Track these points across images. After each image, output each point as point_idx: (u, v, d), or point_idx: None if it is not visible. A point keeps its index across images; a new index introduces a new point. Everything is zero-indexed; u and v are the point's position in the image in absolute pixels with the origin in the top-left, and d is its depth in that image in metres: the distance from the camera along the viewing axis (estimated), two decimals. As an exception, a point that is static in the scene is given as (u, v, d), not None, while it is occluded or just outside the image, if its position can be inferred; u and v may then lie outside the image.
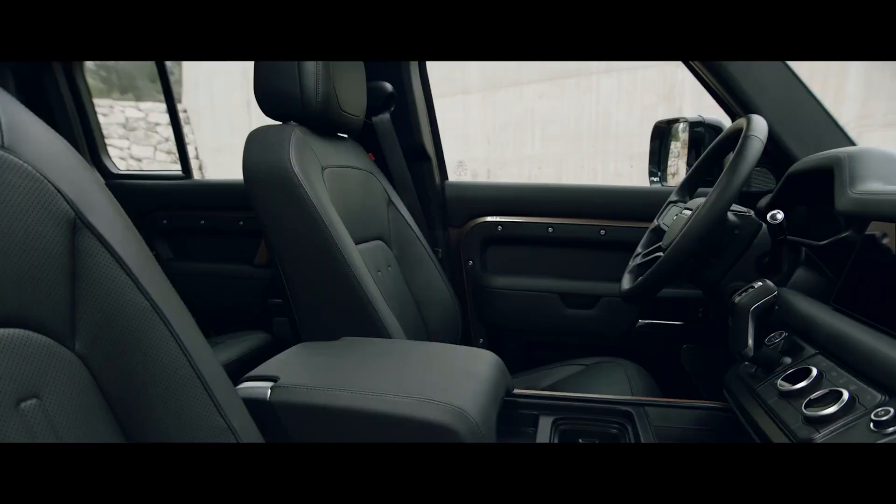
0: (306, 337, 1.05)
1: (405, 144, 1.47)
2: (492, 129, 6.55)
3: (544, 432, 0.86)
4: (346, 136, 1.29)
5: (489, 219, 1.54)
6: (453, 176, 1.61)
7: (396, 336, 1.04)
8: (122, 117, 7.55)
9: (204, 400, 0.57)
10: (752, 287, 0.79)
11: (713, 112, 1.53)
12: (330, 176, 1.10)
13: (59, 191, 0.47)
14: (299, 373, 0.81)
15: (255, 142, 1.03)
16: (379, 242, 1.27)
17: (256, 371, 0.83)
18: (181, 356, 0.55)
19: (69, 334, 0.49)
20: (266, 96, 1.08)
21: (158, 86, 1.92)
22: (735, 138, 1.14)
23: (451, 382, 0.78)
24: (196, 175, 1.95)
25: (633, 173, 6.00)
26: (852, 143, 1.23)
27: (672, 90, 5.66)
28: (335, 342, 0.96)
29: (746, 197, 1.32)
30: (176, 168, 1.91)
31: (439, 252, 1.54)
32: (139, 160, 7.58)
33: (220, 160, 7.57)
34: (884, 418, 0.56)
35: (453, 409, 0.70)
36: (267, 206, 1.01)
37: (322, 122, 1.13)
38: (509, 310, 1.53)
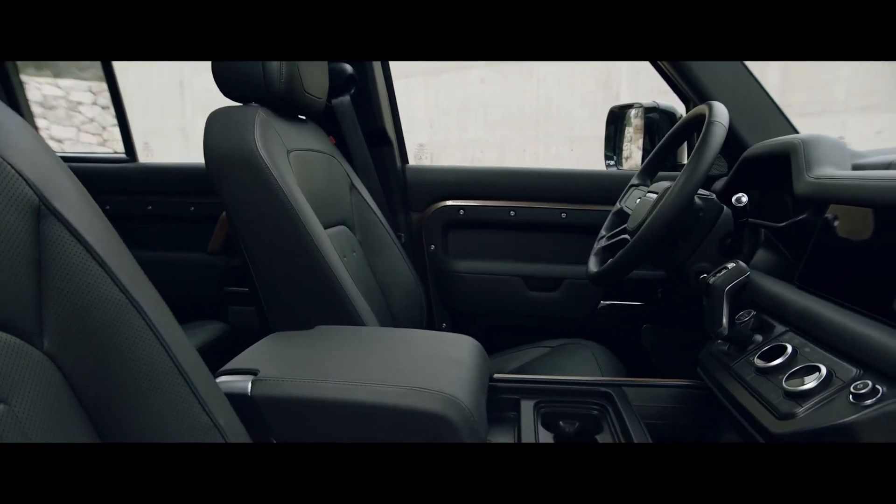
0: (276, 327, 1.01)
1: (365, 127, 1.44)
2: (434, 113, 6.52)
3: (527, 416, 0.87)
4: (305, 118, 1.25)
5: (450, 203, 1.54)
6: (413, 160, 1.59)
7: (369, 323, 1.02)
8: (38, 95, 7.04)
9: (187, 397, 0.54)
10: (726, 268, 0.82)
11: (651, 97, 1.58)
12: (295, 159, 1.06)
13: (20, 174, 0.43)
14: (279, 365, 0.78)
15: (217, 123, 0.98)
16: (343, 227, 1.25)
17: (232, 365, 0.79)
18: (161, 351, 0.51)
19: (37, 331, 0.45)
20: (226, 77, 1.03)
21: (79, 62, 1.80)
22: (694, 124, 1.17)
23: (438, 370, 0.77)
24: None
25: (573, 157, 6.12)
26: (796, 131, 1.29)
27: (610, 76, 5.78)
28: (309, 331, 0.93)
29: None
30: (103, 150, 1.80)
31: (402, 237, 1.52)
32: (60, 141, 7.11)
33: (152, 143, 7.22)
34: (862, 391, 0.59)
35: (445, 397, 0.69)
36: (232, 190, 0.97)
37: (284, 103, 1.08)
38: (472, 294, 1.54)
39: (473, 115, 6.41)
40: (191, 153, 6.93)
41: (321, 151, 1.20)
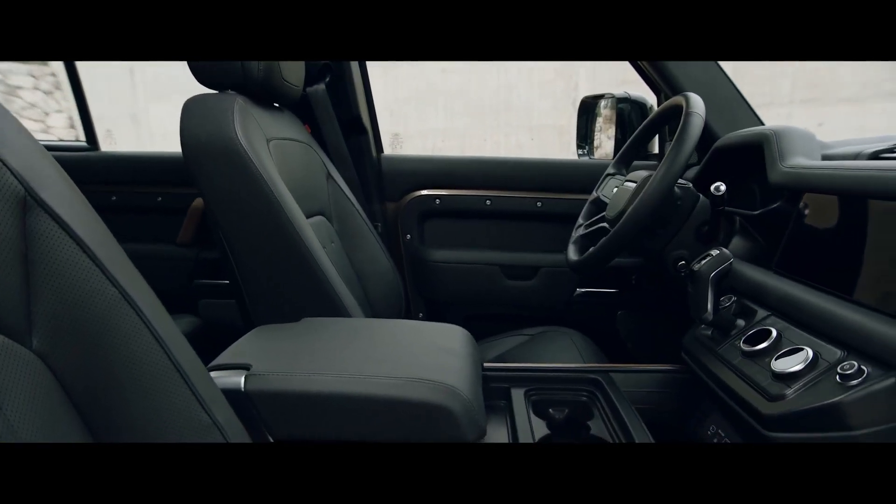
0: (259, 320, 0.99)
1: (340, 116, 1.42)
2: (394, 102, 6.47)
3: (519, 404, 0.88)
4: (280, 107, 1.22)
5: (426, 192, 1.53)
6: (389, 150, 1.58)
7: (355, 314, 1.01)
8: (-30, 78, 6.65)
9: (185, 395, 0.52)
10: (710, 255, 0.85)
11: (609, 87, 1.61)
12: (275, 148, 1.04)
13: (4, 164, 0.40)
14: (271, 359, 0.76)
15: (195, 111, 0.95)
16: (321, 218, 1.23)
17: (221, 360, 0.77)
18: (157, 347, 0.49)
19: (25, 330, 0.42)
20: (203, 63, 1.00)
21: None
22: (669, 115, 1.20)
23: (434, 360, 0.77)
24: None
25: (533, 145, 6.18)
26: (761, 122, 1.34)
27: (568, 66, 5.85)
28: (296, 324, 0.91)
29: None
30: (47, 138, 1.72)
31: (378, 227, 1.51)
32: (-4, 129, 6.73)
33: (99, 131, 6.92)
34: (849, 371, 0.62)
35: (445, 388, 0.69)
36: (211, 180, 0.94)
37: (262, 91, 1.06)
38: (449, 283, 1.54)
39: (433, 105, 6.38)
40: (142, 142, 6.67)
41: (298, 140, 1.18)
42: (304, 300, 0.97)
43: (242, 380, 0.72)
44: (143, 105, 6.85)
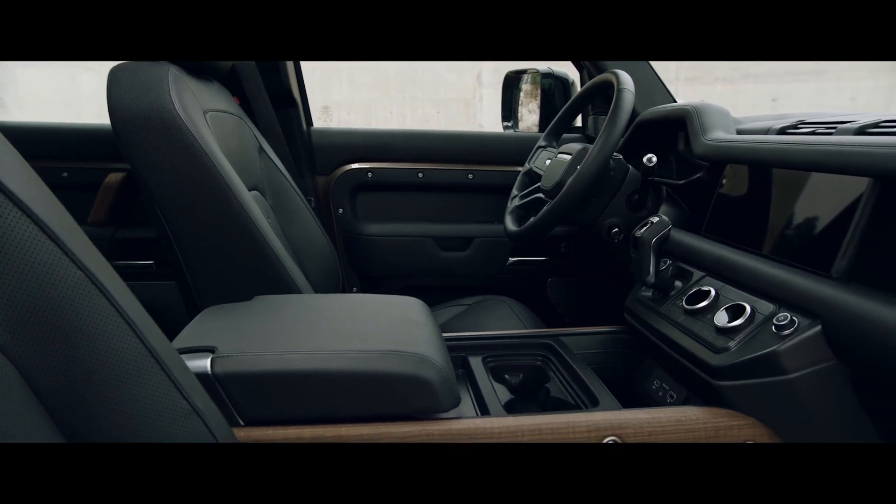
0: (206, 302, 0.94)
1: (269, 89, 1.36)
2: (297, 72, 6.25)
3: (480, 371, 0.90)
4: (210, 79, 1.16)
5: (357, 166, 1.51)
6: (318, 124, 1.54)
7: (305, 291, 0.99)
8: None
9: (163, 381, 0.50)
10: (651, 222, 0.91)
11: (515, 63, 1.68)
12: (212, 120, 0.99)
13: None
14: (235, 339, 0.74)
15: (124, 81, 0.88)
16: (256, 193, 1.18)
17: (179, 344, 0.74)
18: (130, 333, 0.46)
19: None
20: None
21: None
22: (596, 91, 1.26)
23: (403, 332, 0.77)
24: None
25: (440, 118, 6.20)
26: (674, 100, 1.44)
27: (473, 39, 5.89)
28: (250, 303, 0.89)
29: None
30: None
31: (312, 201, 1.48)
32: None
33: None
34: (783, 322, 0.70)
35: (419, 358, 0.70)
36: (146, 155, 0.88)
37: (193, 61, 1.00)
38: (383, 257, 1.54)
39: (338, 77, 6.22)
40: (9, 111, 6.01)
41: (231, 113, 1.12)
42: (254, 278, 0.94)
43: (208, 363, 0.69)
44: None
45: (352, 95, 6.29)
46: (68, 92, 4.96)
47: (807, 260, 0.73)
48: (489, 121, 6.09)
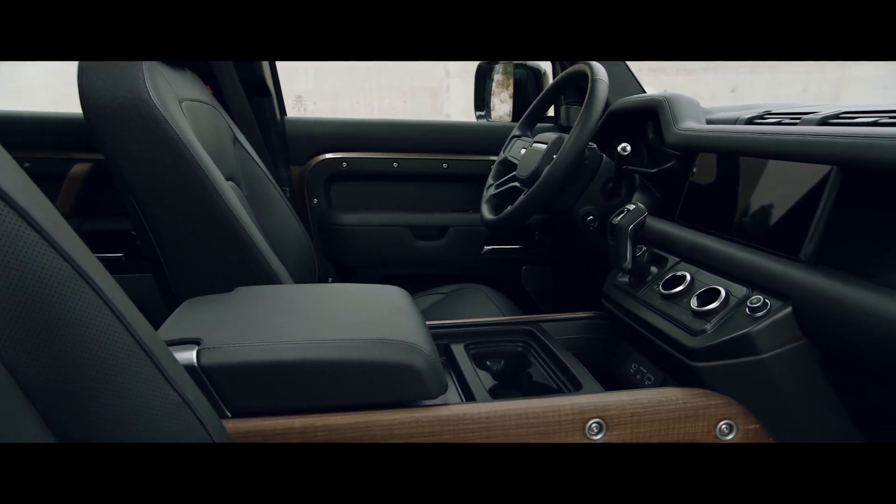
0: (184, 294, 0.93)
1: (243, 78, 1.35)
2: (260, 61, 6.13)
3: (463, 358, 0.92)
4: (183, 67, 1.13)
5: (331, 155, 1.51)
6: (291, 112, 1.53)
7: (285, 281, 0.99)
8: None
9: (153, 373, 0.49)
10: (627, 209, 0.93)
11: None
12: (187, 109, 0.97)
13: None
14: (221, 331, 0.73)
15: (97, 69, 0.86)
16: (232, 183, 1.17)
17: (162, 336, 0.73)
18: (119, 326, 0.46)
19: None
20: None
21: None
22: (570, 81, 1.28)
23: (389, 321, 0.78)
24: None
25: (406, 108, 6.17)
26: (643, 90, 1.47)
27: (440, 28, 5.87)
28: (231, 294, 0.88)
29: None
30: None
31: (287, 191, 1.46)
32: None
33: None
34: (756, 305, 0.73)
35: (408, 346, 0.71)
36: (122, 145, 0.86)
37: None
38: (358, 246, 1.54)
39: (304, 66, 6.13)
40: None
41: (205, 102, 1.11)
42: (234, 269, 0.93)
43: (194, 355, 0.69)
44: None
45: (318, 85, 6.21)
46: (18, 79, 4.76)
47: (777, 244, 0.76)
48: (456, 111, 6.08)
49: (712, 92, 5.66)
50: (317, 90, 6.18)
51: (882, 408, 0.71)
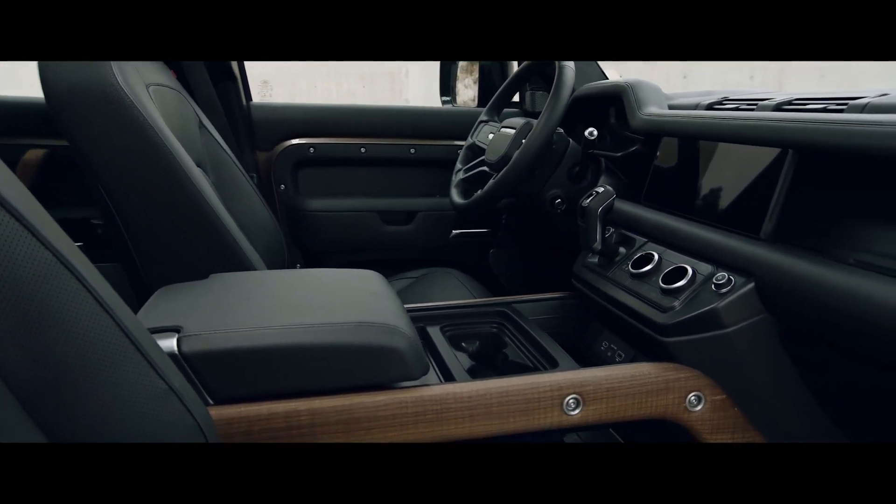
0: (156, 283, 0.92)
1: (207, 63, 1.31)
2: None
3: (440, 341, 0.93)
4: None
5: (298, 141, 1.49)
6: (257, 97, 1.50)
7: (259, 267, 0.98)
8: None
9: (139, 362, 0.49)
10: (597, 192, 0.96)
11: None
12: (154, 94, 0.95)
13: None
14: (201, 318, 0.73)
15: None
16: (199, 170, 1.15)
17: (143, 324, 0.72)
18: (104, 315, 0.45)
19: None
20: None
21: None
22: (534, 68, 1.30)
23: (369, 304, 0.79)
24: None
25: (365, 93, 6.11)
26: (605, 76, 1.50)
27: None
28: (207, 281, 0.87)
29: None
30: None
31: (254, 177, 1.44)
32: None
33: None
34: (721, 282, 0.77)
35: (390, 329, 0.72)
36: (88, 130, 0.83)
37: None
38: (326, 232, 1.54)
39: (258, 50, 5.99)
40: None
41: (171, 87, 1.08)
42: (207, 256, 0.92)
43: (175, 342, 0.68)
44: None
45: (274, 69, 6.08)
46: (-46, 61, 4.51)
47: (738, 224, 0.80)
48: (415, 96, 6.05)
49: (666, 76, 5.79)
50: (275, 76, 6.06)
51: (835, 376, 0.76)
